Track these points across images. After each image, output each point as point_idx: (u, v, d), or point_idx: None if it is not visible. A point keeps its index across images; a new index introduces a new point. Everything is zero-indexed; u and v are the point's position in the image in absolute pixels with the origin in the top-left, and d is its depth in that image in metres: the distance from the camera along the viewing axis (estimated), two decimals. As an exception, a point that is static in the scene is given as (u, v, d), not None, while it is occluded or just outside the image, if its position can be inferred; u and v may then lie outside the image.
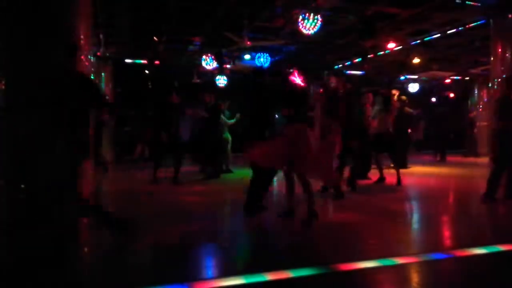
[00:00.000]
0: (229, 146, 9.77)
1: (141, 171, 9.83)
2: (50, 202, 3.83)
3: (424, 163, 12.25)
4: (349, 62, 14.04)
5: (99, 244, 4.19)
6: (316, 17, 7.64)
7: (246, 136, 5.41)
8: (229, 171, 9.73)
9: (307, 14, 7.67)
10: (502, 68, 7.66)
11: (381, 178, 7.88)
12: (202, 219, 5.22)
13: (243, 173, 8.10)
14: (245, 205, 5.22)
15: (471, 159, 13.63)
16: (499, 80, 7.70)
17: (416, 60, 11.88)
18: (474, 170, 10.90)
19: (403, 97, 10.68)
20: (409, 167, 10.70)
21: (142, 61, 13.24)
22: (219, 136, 9.29)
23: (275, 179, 6.05)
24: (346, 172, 7.11)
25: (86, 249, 4.09)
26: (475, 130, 14.73)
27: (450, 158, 13.58)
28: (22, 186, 4.27)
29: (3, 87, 4.17)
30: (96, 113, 5.00)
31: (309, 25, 7.66)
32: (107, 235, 4.11)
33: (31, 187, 4.07)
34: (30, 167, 4.09)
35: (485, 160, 10.83)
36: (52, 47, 4.28)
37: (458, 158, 13.59)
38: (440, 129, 13.30)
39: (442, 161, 13.07)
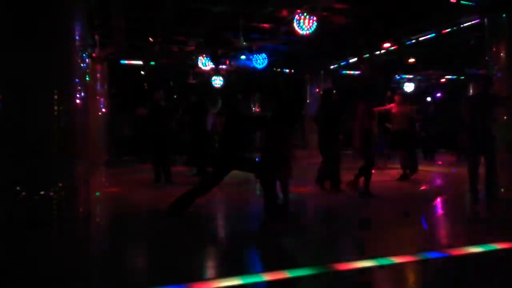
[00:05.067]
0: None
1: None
2: None
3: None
4: (344, 62, 14.05)
5: (95, 244, 4.18)
6: (311, 17, 7.64)
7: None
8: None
9: (302, 15, 7.68)
10: (496, 67, 7.66)
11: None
12: (199, 219, 5.21)
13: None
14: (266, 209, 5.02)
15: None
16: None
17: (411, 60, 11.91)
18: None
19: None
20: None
21: (138, 62, 13.19)
22: (204, 135, 8.99)
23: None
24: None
25: (82, 249, 4.07)
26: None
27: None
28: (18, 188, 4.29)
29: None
30: None
31: (305, 25, 7.66)
32: (101, 235, 4.08)
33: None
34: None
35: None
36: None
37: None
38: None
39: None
